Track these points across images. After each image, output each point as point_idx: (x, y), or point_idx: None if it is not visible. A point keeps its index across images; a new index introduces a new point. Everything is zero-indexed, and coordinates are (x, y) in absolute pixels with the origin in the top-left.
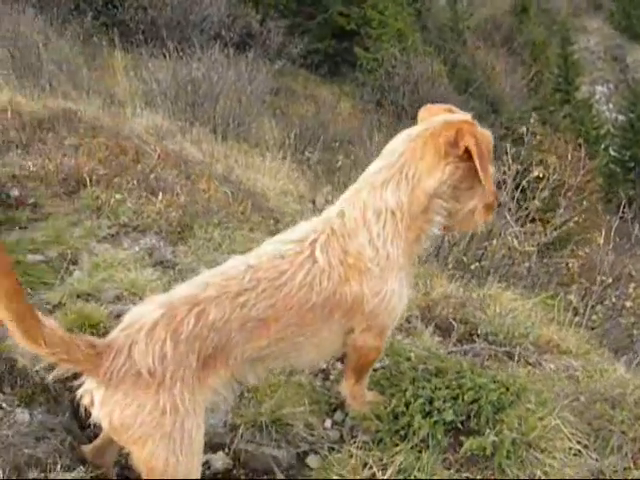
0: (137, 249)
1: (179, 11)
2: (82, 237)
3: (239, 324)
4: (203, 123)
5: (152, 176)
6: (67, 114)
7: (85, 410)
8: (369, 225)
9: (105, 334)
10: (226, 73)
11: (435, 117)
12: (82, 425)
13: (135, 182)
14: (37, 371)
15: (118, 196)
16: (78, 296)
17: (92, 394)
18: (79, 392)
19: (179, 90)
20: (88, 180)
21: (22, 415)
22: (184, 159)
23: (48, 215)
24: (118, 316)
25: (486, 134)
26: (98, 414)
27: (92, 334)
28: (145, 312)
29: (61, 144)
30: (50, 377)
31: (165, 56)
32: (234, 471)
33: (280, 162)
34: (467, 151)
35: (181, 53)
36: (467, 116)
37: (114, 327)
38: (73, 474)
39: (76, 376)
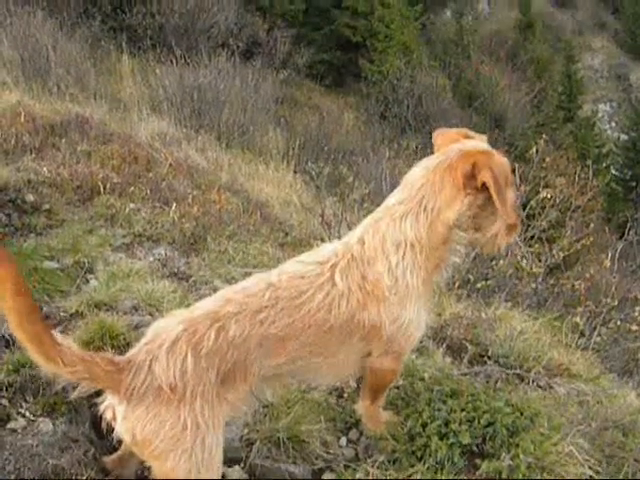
0: (151, 259)
1: (187, 18)
2: (97, 245)
3: (258, 340)
4: (208, 130)
5: (164, 185)
6: (79, 119)
7: (105, 421)
8: (388, 255)
9: (126, 346)
10: (232, 81)
11: (452, 146)
12: (101, 435)
13: (148, 191)
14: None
15: (132, 205)
16: (95, 306)
17: (114, 409)
18: (101, 407)
19: (185, 96)
20: (102, 188)
21: (45, 425)
22: (192, 167)
23: (63, 222)
24: (137, 327)
25: (503, 163)
26: (120, 429)
27: (112, 346)
28: (167, 327)
29: (74, 150)
30: (73, 395)
31: (172, 62)
32: None
33: (284, 172)
34: (484, 184)
35: (188, 60)
36: (483, 141)
37: (134, 339)
38: None
39: (97, 392)
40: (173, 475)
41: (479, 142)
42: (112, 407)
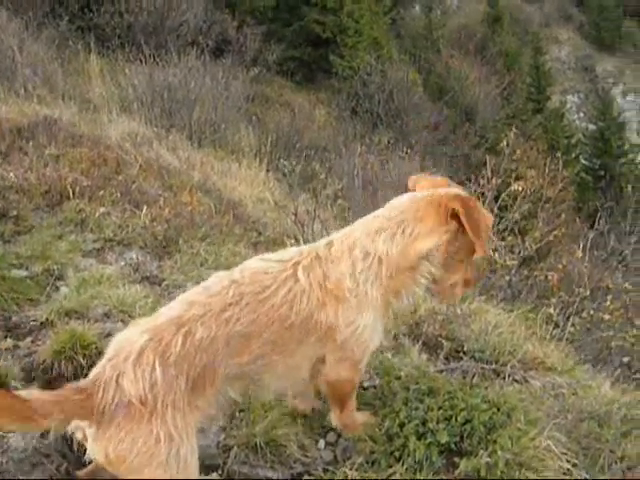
0: (123, 264)
1: (156, 16)
2: (67, 252)
3: (224, 340)
4: (179, 129)
5: (134, 187)
6: (46, 122)
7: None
8: (355, 260)
9: (98, 355)
10: (202, 79)
11: (439, 188)
12: (73, 449)
13: (118, 194)
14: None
15: (102, 209)
16: (66, 314)
17: (84, 430)
18: (70, 428)
19: (155, 96)
20: (71, 192)
21: (16, 441)
22: (163, 167)
23: (31, 228)
24: (108, 335)
25: (487, 215)
26: (92, 450)
27: (84, 355)
28: (130, 339)
29: (41, 153)
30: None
31: (141, 61)
32: None
33: (256, 169)
34: (463, 225)
35: (157, 59)
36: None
37: (105, 347)
38: None
39: None
40: None
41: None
42: (82, 428)
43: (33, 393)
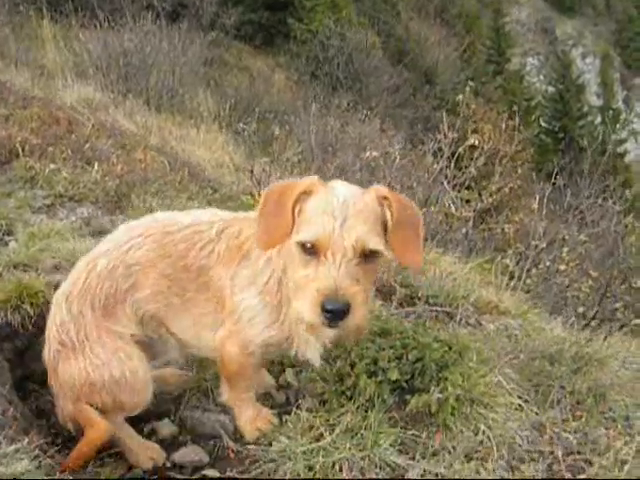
0: (74, 219)
1: None
2: (16, 208)
3: (124, 268)
4: (136, 95)
5: (87, 146)
6: None
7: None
8: None
9: (45, 304)
10: (159, 44)
11: None
12: (24, 396)
13: (70, 152)
14: None
15: (52, 166)
16: (15, 267)
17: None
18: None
19: (111, 61)
20: (21, 150)
21: None
22: (119, 130)
23: None
24: (57, 286)
25: None
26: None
27: (31, 304)
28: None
29: None
30: None
31: (96, 26)
32: (180, 437)
33: (215, 134)
34: None
35: (112, 23)
36: None
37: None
38: (17, 445)
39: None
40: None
41: None
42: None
43: None
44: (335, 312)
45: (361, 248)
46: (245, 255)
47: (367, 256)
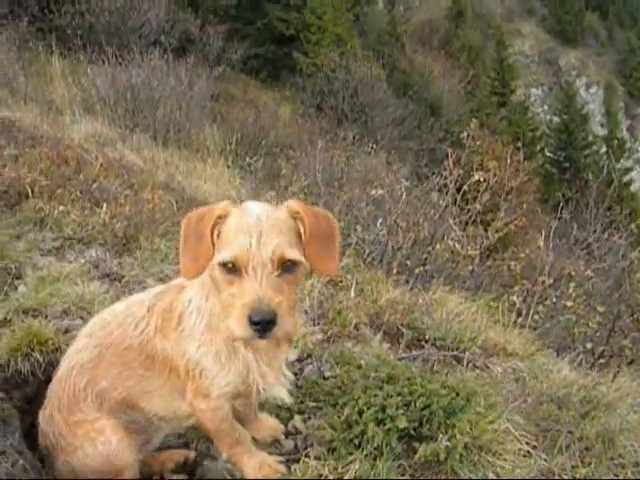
0: (82, 262)
1: (117, 16)
2: (25, 251)
3: (78, 369)
4: (143, 130)
5: (95, 186)
6: (5, 123)
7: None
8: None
9: (55, 351)
10: (166, 79)
11: None
12: (33, 446)
13: (78, 193)
14: None
15: (61, 208)
16: (24, 312)
17: None
18: None
19: (118, 96)
20: (30, 191)
21: None
22: (126, 167)
23: None
24: (67, 332)
25: None
26: None
27: (41, 352)
28: None
29: (0, 154)
30: None
31: (104, 62)
32: None
33: (222, 168)
34: None
35: (120, 59)
36: None
37: (63, 343)
38: None
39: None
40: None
41: None
42: None
43: None
44: (262, 323)
45: (279, 259)
46: (180, 318)
47: (286, 266)
